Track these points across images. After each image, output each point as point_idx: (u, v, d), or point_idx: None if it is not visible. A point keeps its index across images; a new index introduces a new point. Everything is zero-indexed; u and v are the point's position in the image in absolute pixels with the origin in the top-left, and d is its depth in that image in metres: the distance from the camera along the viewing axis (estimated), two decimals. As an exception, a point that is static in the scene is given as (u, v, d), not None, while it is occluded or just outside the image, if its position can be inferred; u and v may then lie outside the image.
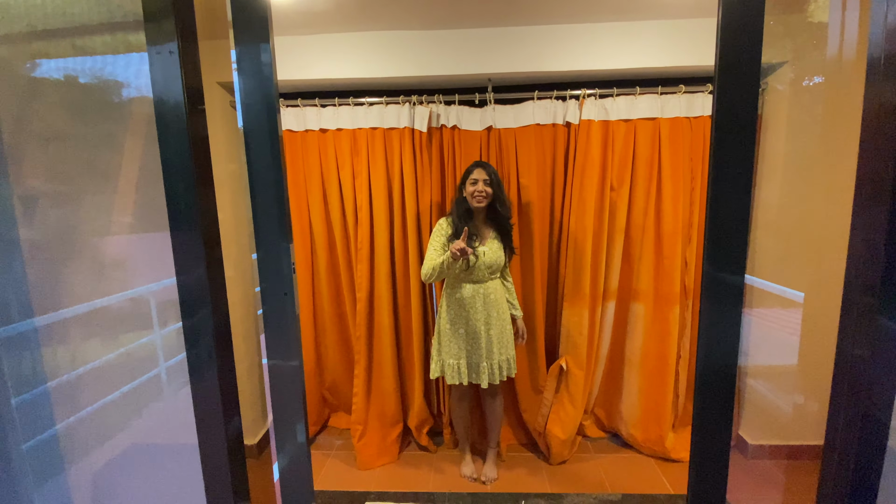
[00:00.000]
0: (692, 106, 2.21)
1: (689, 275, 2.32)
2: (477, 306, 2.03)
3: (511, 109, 2.26)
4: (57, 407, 1.21)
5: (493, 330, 2.04)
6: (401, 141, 2.27)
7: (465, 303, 2.03)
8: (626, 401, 2.41)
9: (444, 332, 2.09)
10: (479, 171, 2.00)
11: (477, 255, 1.99)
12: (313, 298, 2.53)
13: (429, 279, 2.00)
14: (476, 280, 2.03)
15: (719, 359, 0.94)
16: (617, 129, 2.23)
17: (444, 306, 2.10)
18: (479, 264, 2.00)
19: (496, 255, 2.03)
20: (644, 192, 2.26)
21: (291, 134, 2.36)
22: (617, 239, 2.29)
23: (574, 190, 2.25)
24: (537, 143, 2.26)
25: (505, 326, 2.08)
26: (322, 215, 2.42)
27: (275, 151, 0.88)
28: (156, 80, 0.82)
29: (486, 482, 2.17)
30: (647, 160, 2.24)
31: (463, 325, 2.05)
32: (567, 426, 2.28)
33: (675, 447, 2.33)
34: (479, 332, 2.03)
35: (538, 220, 2.29)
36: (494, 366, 2.05)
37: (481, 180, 1.99)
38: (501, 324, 2.07)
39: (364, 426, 2.41)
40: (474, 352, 2.05)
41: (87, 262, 1.18)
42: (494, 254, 2.03)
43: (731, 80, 0.79)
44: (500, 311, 2.07)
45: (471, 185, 2.00)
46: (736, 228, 0.87)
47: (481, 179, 1.99)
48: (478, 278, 2.03)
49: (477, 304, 2.03)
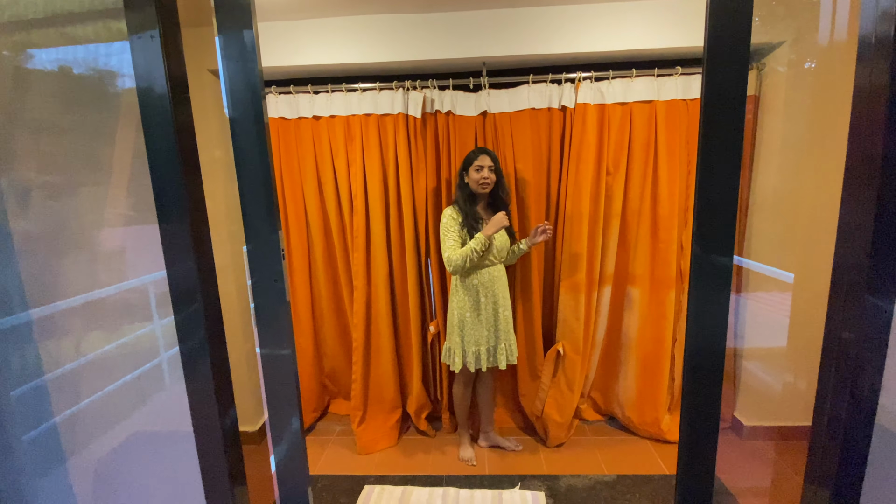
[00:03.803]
0: (689, 88, 2.18)
1: (685, 258, 2.32)
2: (494, 290, 2.08)
3: (506, 94, 2.23)
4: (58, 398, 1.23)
5: (505, 312, 2.11)
6: (395, 127, 2.25)
7: (483, 288, 2.06)
8: (623, 384, 2.44)
9: (466, 321, 2.08)
10: (484, 158, 2.01)
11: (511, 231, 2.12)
12: (311, 287, 2.54)
13: (460, 269, 1.99)
14: (491, 264, 2.09)
15: (708, 340, 0.95)
16: (613, 113, 2.21)
17: (461, 295, 2.08)
18: (491, 248, 2.04)
19: (505, 238, 2.09)
20: (640, 175, 2.25)
21: (285, 122, 2.34)
22: (613, 223, 2.29)
23: (570, 174, 2.24)
24: (533, 128, 2.24)
25: (509, 310, 2.13)
26: (317, 203, 2.41)
27: (260, 139, 0.88)
28: (138, 68, 0.81)
29: (517, 448, 2.31)
30: (644, 144, 2.22)
31: (482, 311, 2.07)
32: (564, 410, 2.31)
33: (670, 429, 2.36)
34: (496, 314, 2.09)
35: (534, 205, 2.28)
36: (510, 347, 2.12)
37: (486, 167, 2.01)
38: (507, 306, 2.13)
39: (363, 412, 2.43)
40: (492, 335, 2.10)
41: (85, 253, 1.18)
42: (503, 237, 2.08)
43: (720, 60, 0.78)
44: (507, 295, 2.14)
45: (475, 172, 2.01)
46: (724, 210, 0.87)
47: (486, 166, 2.01)
48: (491, 262, 2.08)
49: (493, 287, 2.08)
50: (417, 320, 2.39)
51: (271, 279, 0.93)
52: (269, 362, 0.99)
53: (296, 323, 2.51)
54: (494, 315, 2.09)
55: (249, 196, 0.89)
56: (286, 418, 1.04)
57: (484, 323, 2.08)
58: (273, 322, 0.96)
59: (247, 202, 0.90)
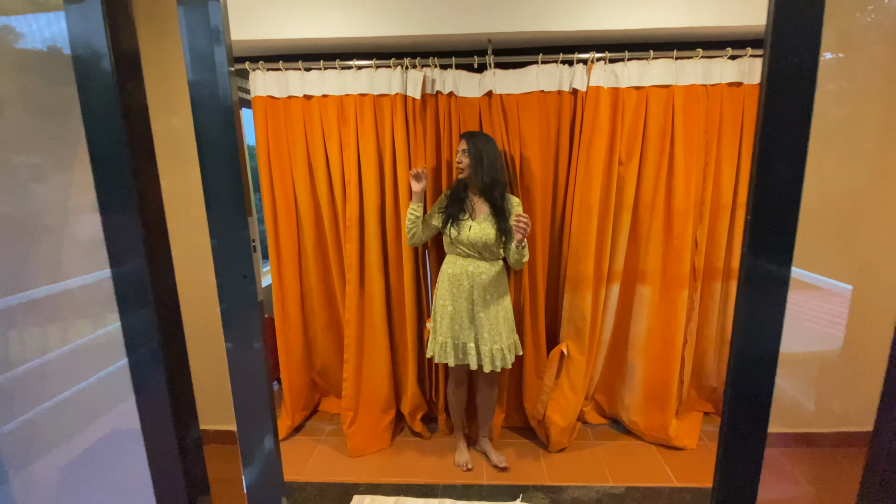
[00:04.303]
0: (710, 72, 2.02)
1: (700, 255, 2.18)
2: (463, 284, 1.94)
3: (513, 74, 2.06)
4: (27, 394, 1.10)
5: (483, 313, 1.94)
6: (392, 109, 2.08)
7: (452, 279, 1.97)
8: (629, 387, 2.31)
9: (438, 308, 2.01)
10: (462, 142, 1.95)
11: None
12: (300, 279, 2.38)
13: (408, 241, 2.06)
14: (463, 254, 1.97)
15: (758, 351, 0.81)
16: (627, 97, 2.05)
17: (439, 281, 2.03)
18: (460, 238, 1.93)
19: (483, 232, 1.91)
20: (654, 166, 2.10)
21: (273, 101, 2.16)
22: (624, 217, 2.14)
23: (580, 163, 2.08)
24: (541, 112, 2.07)
25: (499, 313, 1.96)
26: (308, 190, 2.25)
27: (228, 119, 0.72)
28: (74, 40, 0.65)
29: (505, 468, 2.09)
30: (660, 132, 2.06)
31: (451, 302, 1.97)
32: (567, 413, 2.18)
33: (678, 435, 2.24)
34: (463, 311, 1.96)
35: (541, 195, 2.13)
36: (485, 352, 1.94)
37: (461, 150, 1.93)
38: (495, 309, 1.95)
39: (355, 412, 2.30)
40: (461, 331, 1.97)
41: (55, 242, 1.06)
42: (482, 231, 1.91)
43: (786, 35, 0.63)
44: (493, 296, 1.96)
45: (456, 156, 1.97)
46: (785, 211, 0.72)
47: (461, 150, 1.93)
48: (463, 252, 1.97)
49: (463, 282, 1.94)
50: (413, 316, 2.25)
51: (240, 276, 0.78)
52: (237, 370, 0.85)
53: (285, 318, 2.36)
54: (469, 313, 1.96)
55: (214, 185, 0.74)
56: (257, 432, 0.89)
57: (453, 316, 1.97)
58: (242, 325, 0.81)
59: (211, 192, 0.74)
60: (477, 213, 1.96)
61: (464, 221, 1.94)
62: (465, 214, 1.96)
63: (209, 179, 0.75)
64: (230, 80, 0.72)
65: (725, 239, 2.18)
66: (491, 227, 1.91)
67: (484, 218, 1.93)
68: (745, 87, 2.03)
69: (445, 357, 1.99)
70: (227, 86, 0.72)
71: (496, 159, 1.91)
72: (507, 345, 1.96)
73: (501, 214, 1.92)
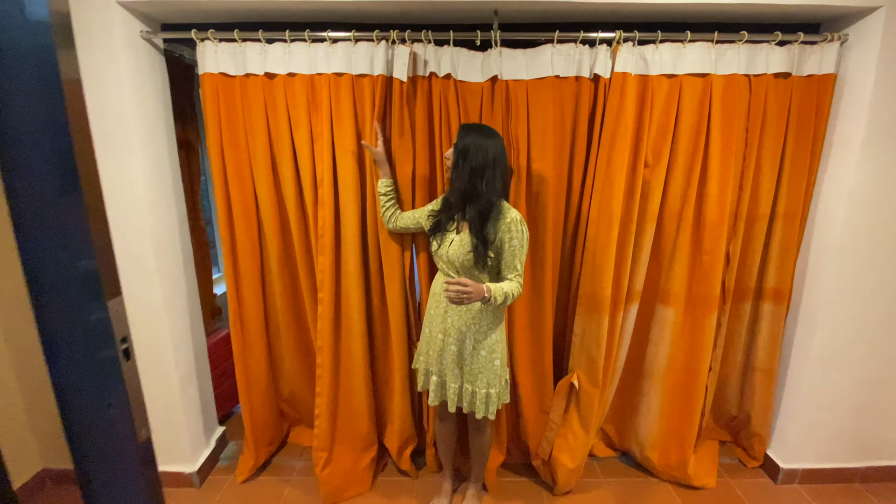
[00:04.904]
0: (754, 60, 1.71)
1: (731, 273, 1.90)
2: (441, 306, 1.62)
3: (523, 55, 1.70)
4: None
5: (455, 346, 1.60)
6: (374, 92, 1.69)
7: (433, 297, 1.66)
8: (644, 419, 2.04)
9: (423, 329, 1.73)
10: (459, 134, 1.53)
11: (477, 246, 1.50)
12: (263, 295, 2.00)
13: (384, 220, 1.77)
14: (443, 272, 1.64)
15: None
16: (658, 87, 1.72)
17: (428, 297, 1.74)
18: (439, 253, 1.60)
19: (462, 250, 1.53)
20: (685, 169, 1.79)
21: (227, 80, 1.74)
22: (647, 229, 1.83)
23: (599, 165, 1.75)
24: (555, 103, 1.73)
25: (480, 353, 1.59)
26: (271, 190, 1.85)
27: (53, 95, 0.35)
28: None
29: None
30: (693, 129, 1.75)
31: (428, 325, 1.68)
32: (576, 453, 1.90)
33: (697, 473, 1.99)
34: (436, 338, 1.64)
35: (552, 203, 1.79)
36: (465, 392, 1.62)
37: (453, 145, 1.53)
38: (474, 346, 1.58)
39: (329, 453, 1.96)
40: (433, 362, 1.66)
41: None
42: (461, 249, 1.53)
43: None
44: (471, 331, 1.58)
45: None
46: None
47: (454, 143, 1.53)
48: (443, 269, 1.63)
49: (441, 303, 1.62)
50: (402, 339, 1.90)
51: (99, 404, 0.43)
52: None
53: (244, 339, 1.98)
54: (437, 340, 1.64)
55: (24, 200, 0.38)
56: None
57: (429, 339, 1.68)
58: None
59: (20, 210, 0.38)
60: (464, 226, 1.57)
61: (448, 233, 1.59)
62: (452, 224, 1.59)
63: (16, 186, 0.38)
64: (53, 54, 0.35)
65: (760, 254, 1.90)
66: (464, 242, 1.53)
67: (468, 233, 1.53)
68: (794, 79, 1.73)
69: (427, 385, 1.71)
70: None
71: (486, 164, 1.44)
72: (494, 392, 1.60)
73: (479, 235, 1.48)
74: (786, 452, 2.02)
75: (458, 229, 1.58)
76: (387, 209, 1.74)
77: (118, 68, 1.63)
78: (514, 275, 1.51)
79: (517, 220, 1.49)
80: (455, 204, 1.57)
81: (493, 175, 1.46)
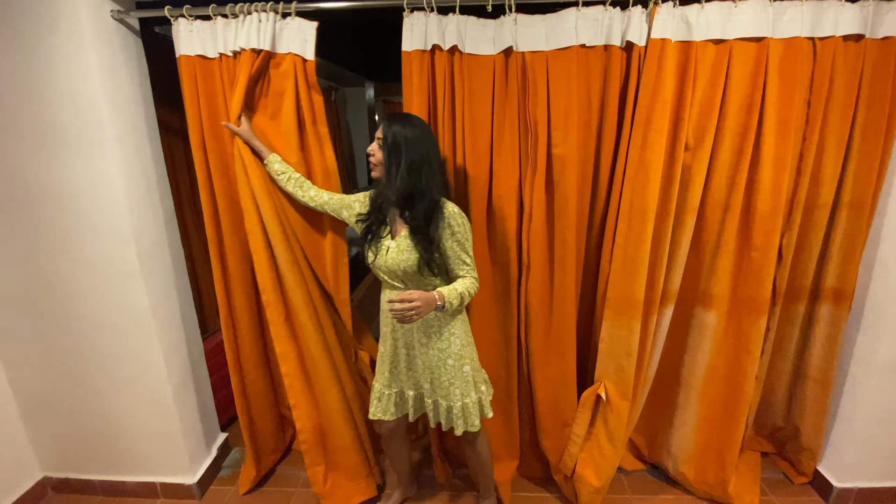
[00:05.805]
0: (820, 20, 1.43)
1: (783, 271, 1.66)
2: (389, 323, 1.48)
3: (542, 22, 1.46)
4: None
5: (420, 359, 1.46)
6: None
7: (384, 312, 1.51)
8: (678, 432, 1.84)
9: (379, 347, 1.58)
10: (380, 128, 1.33)
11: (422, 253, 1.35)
12: (257, 299, 1.84)
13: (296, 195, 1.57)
14: (387, 285, 1.46)
15: None
16: (703, 56, 1.46)
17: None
18: (377, 264, 1.41)
19: (402, 257, 1.35)
20: (733, 153, 1.53)
21: (205, 62, 1.55)
22: (687, 222, 1.59)
23: (632, 148, 1.51)
24: (580, 77, 1.48)
25: (447, 363, 1.44)
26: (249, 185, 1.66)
27: None
28: None
29: None
30: (744, 104, 1.49)
31: (383, 342, 1.55)
32: (603, 470, 1.72)
33: (738, 491, 1.79)
34: (396, 353, 1.50)
35: (577, 194, 1.56)
36: (429, 405, 1.51)
37: (376, 139, 1.33)
38: (436, 356, 1.44)
39: (325, 465, 1.81)
40: (394, 378, 1.54)
41: None
42: (399, 256, 1.35)
43: None
44: (429, 338, 1.43)
45: None
46: None
47: (376, 137, 1.33)
48: (388, 283, 1.45)
49: (388, 315, 1.46)
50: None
51: None
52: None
53: (238, 346, 1.83)
54: (397, 354, 1.50)
55: None
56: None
57: (389, 359, 1.53)
58: None
59: None
60: (398, 230, 1.39)
61: (383, 240, 1.40)
62: (385, 229, 1.42)
63: None
64: None
65: (818, 249, 1.65)
66: (411, 252, 1.34)
67: (405, 237, 1.36)
68: (868, 41, 1.44)
69: (383, 411, 1.56)
70: None
71: (423, 159, 1.29)
72: (469, 402, 1.46)
73: (425, 238, 1.33)
74: (840, 469, 1.80)
75: (392, 233, 1.41)
76: (292, 182, 1.54)
77: (87, 54, 1.45)
78: (465, 269, 1.38)
79: (455, 213, 1.35)
80: (395, 205, 1.38)
81: (432, 170, 1.31)
